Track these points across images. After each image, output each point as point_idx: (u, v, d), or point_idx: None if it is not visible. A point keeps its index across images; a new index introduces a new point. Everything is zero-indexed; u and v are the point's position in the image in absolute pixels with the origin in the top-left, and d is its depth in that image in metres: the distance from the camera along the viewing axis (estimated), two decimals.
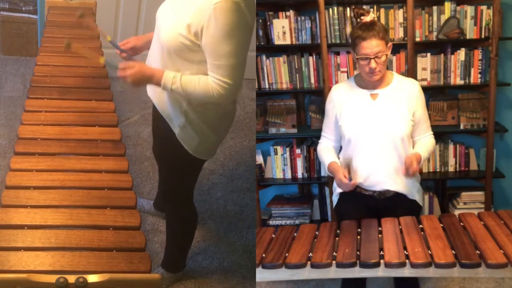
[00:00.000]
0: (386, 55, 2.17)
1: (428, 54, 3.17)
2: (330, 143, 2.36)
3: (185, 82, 2.03)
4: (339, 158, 2.34)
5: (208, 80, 2.02)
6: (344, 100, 2.28)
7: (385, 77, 2.26)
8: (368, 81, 2.25)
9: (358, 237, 2.07)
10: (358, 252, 1.93)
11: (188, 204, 2.50)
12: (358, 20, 2.19)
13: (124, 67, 2.07)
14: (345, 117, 2.26)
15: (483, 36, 3.12)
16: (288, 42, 3.24)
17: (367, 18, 2.18)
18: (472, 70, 3.18)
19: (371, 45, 2.13)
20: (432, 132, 2.35)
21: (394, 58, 3.12)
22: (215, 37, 1.95)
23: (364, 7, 3.08)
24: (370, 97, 2.26)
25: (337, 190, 2.36)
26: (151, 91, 2.25)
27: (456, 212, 3.14)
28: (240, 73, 2.03)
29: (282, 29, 3.21)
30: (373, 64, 2.14)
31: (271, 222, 3.33)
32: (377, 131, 2.21)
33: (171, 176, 2.41)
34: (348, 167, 2.25)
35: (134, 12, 3.99)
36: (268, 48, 3.29)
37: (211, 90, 2.01)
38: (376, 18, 2.21)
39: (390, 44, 2.21)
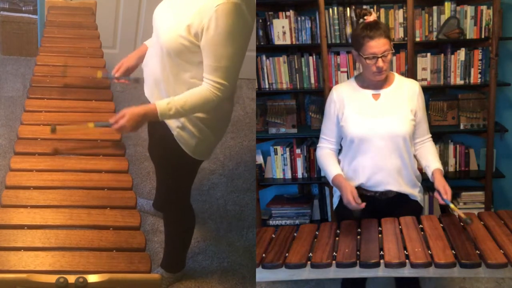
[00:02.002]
0: (392, 53, 2.18)
1: (428, 54, 3.17)
2: (330, 145, 2.34)
3: (179, 102, 2.02)
4: (339, 161, 2.33)
5: (201, 89, 2.02)
6: (345, 100, 2.27)
7: (387, 77, 2.26)
8: (371, 81, 2.25)
9: (358, 237, 2.07)
10: (358, 252, 1.93)
11: (186, 205, 2.50)
12: (361, 20, 2.20)
13: (115, 121, 2.04)
14: (347, 117, 2.25)
15: (483, 36, 3.12)
16: (288, 42, 3.24)
17: (370, 18, 2.19)
18: (472, 70, 3.18)
19: (379, 44, 2.13)
20: (431, 135, 2.35)
21: (394, 58, 3.12)
22: (215, 39, 1.95)
23: (365, 7, 3.10)
24: (372, 97, 2.26)
25: (338, 194, 2.35)
26: (150, 93, 2.25)
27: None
28: (236, 75, 2.04)
29: (282, 29, 3.21)
30: (380, 63, 2.15)
31: (271, 222, 3.33)
32: (380, 131, 2.20)
33: (168, 177, 2.41)
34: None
35: (134, 12, 3.99)
36: (268, 48, 3.29)
37: (210, 96, 2.01)
38: (376, 18, 2.22)
39: (391, 44, 2.21)
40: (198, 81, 2.07)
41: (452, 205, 2.09)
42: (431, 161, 2.26)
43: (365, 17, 2.19)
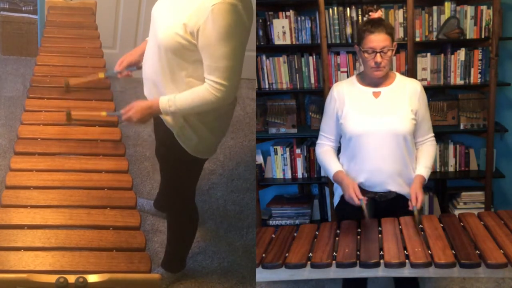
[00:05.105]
0: (392, 51, 2.19)
1: (428, 54, 3.17)
2: (329, 143, 2.34)
3: (179, 101, 2.07)
4: (338, 159, 2.33)
5: (201, 89, 2.03)
6: (345, 97, 2.27)
7: (387, 75, 2.27)
8: (371, 79, 2.25)
9: (358, 237, 2.07)
10: (358, 252, 1.93)
11: (191, 204, 2.50)
12: (366, 16, 2.24)
13: (125, 112, 2.18)
14: (346, 114, 2.25)
15: (483, 36, 3.12)
16: (288, 42, 3.24)
17: (375, 15, 2.23)
18: (472, 70, 3.18)
19: (378, 39, 2.15)
20: (433, 134, 2.34)
21: (394, 58, 3.12)
22: (212, 38, 1.95)
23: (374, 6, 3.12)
24: (373, 95, 2.26)
25: (338, 192, 2.35)
26: (148, 92, 2.25)
27: (456, 212, 3.14)
28: (237, 74, 2.03)
29: (282, 29, 3.21)
30: (378, 58, 2.16)
31: (271, 222, 3.33)
32: (379, 129, 2.20)
33: (172, 176, 2.41)
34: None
35: (134, 12, 3.99)
36: (268, 48, 3.29)
37: (208, 97, 2.02)
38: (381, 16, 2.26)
39: (395, 43, 2.22)
40: (194, 80, 2.07)
41: (416, 212, 2.09)
42: (420, 165, 2.26)
43: (370, 13, 2.25)
